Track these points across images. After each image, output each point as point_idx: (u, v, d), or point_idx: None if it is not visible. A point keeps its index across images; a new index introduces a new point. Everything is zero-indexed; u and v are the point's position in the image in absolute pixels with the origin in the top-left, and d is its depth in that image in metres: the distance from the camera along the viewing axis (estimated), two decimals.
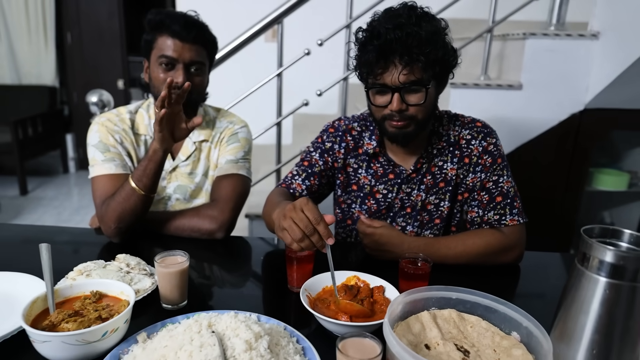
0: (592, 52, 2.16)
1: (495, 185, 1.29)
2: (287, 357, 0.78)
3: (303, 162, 1.41)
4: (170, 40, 1.33)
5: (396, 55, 1.14)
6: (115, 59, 5.11)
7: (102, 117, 1.46)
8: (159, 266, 0.96)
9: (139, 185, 1.25)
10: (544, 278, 1.28)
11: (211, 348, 0.73)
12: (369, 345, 0.74)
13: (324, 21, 2.37)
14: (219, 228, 1.34)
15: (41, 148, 4.89)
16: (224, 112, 1.59)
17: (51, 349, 0.78)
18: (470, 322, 0.88)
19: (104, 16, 5.00)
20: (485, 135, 1.32)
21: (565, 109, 2.23)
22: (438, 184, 1.35)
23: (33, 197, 4.56)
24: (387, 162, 1.37)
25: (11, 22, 4.97)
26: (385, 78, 1.17)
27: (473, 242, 1.23)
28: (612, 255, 0.69)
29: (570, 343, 0.75)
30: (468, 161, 1.32)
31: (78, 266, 1.05)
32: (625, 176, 2.50)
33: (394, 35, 1.11)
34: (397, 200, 1.38)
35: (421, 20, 1.14)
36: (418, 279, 1.02)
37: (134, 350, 0.80)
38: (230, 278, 1.23)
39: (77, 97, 5.22)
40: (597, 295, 0.71)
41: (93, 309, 0.86)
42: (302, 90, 2.25)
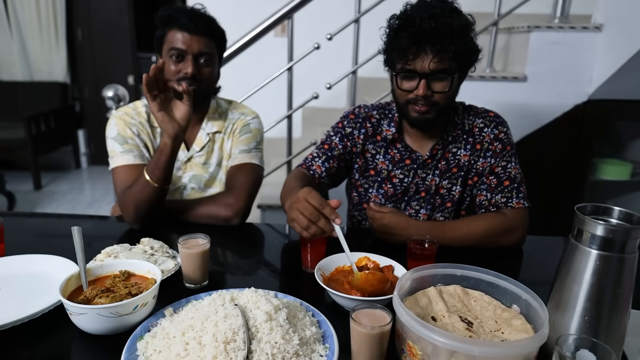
0: (595, 44, 2.19)
1: (503, 170, 1.36)
2: (304, 327, 0.84)
3: (323, 145, 1.48)
4: (179, 33, 1.39)
5: (428, 43, 1.20)
6: (125, 55, 5.18)
7: (119, 111, 1.53)
8: (182, 247, 1.03)
9: (152, 178, 1.30)
10: (546, 259, 1.33)
11: (235, 318, 0.80)
12: (379, 315, 0.80)
13: (333, 16, 2.41)
14: (234, 215, 1.40)
15: (54, 144, 4.97)
16: (235, 104, 1.65)
17: (87, 320, 0.84)
18: (474, 296, 0.94)
19: (114, 13, 5.06)
20: (497, 124, 1.40)
21: (569, 100, 2.27)
22: (451, 169, 1.42)
23: (47, 192, 4.65)
24: (404, 148, 1.44)
25: (23, 20, 5.05)
26: (416, 64, 1.23)
27: (477, 224, 1.30)
28: (602, 229, 0.75)
29: (564, 312, 0.80)
30: (479, 147, 1.40)
31: (105, 249, 1.12)
32: (628, 166, 2.53)
33: (428, 24, 1.18)
34: (413, 185, 1.44)
35: (453, 13, 1.22)
36: (425, 259, 1.07)
37: (162, 323, 0.86)
38: (247, 261, 1.30)
39: (88, 93, 5.30)
40: (588, 266, 0.77)
41: (123, 286, 0.92)
42: (312, 84, 2.30)
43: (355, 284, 1.00)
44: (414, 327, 0.77)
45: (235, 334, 0.77)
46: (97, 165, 5.54)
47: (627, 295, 0.78)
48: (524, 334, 0.83)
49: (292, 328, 0.82)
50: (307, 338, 0.82)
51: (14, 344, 0.85)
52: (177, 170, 1.54)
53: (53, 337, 0.88)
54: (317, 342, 0.83)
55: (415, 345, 0.79)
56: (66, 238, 1.33)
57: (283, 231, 1.49)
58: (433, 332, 0.75)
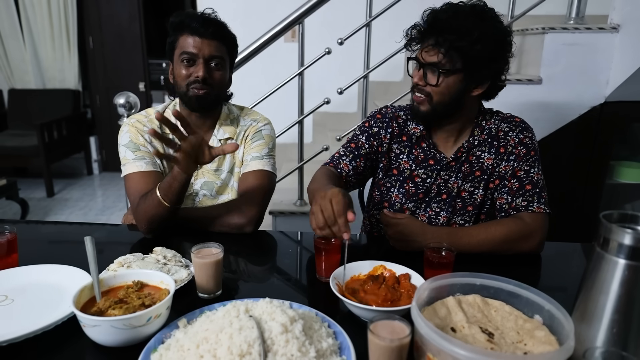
0: (612, 45, 2.16)
1: (526, 174, 1.35)
2: (320, 339, 0.83)
3: (350, 144, 1.49)
4: (191, 38, 1.39)
5: (432, 36, 1.25)
6: (136, 62, 5.22)
7: (131, 118, 1.53)
8: (196, 257, 1.02)
9: (165, 199, 1.29)
10: (565, 266, 1.31)
11: (250, 330, 0.78)
12: (398, 327, 0.78)
13: (343, 20, 2.40)
14: (247, 222, 1.39)
15: (66, 151, 5.01)
16: (247, 110, 1.64)
17: (100, 332, 0.84)
18: (494, 306, 0.91)
19: (124, 20, 5.11)
20: (522, 129, 1.40)
21: (586, 103, 2.23)
22: (474, 172, 1.41)
23: (59, 199, 4.69)
24: (429, 148, 1.44)
25: (35, 28, 5.11)
26: (422, 54, 1.30)
27: (495, 229, 1.28)
28: (631, 237, 0.73)
29: (591, 323, 0.78)
30: (503, 150, 1.39)
31: (118, 259, 1.11)
32: None
33: (439, 15, 1.25)
34: (435, 186, 1.44)
35: (469, 14, 1.24)
36: (442, 267, 1.06)
37: (176, 335, 0.85)
38: (260, 269, 1.29)
39: (99, 100, 5.35)
40: (616, 276, 0.74)
41: (136, 297, 0.92)
42: (323, 89, 2.29)
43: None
44: (434, 339, 0.75)
45: (250, 347, 0.75)
46: (108, 172, 5.59)
47: None
48: (547, 345, 0.81)
49: (308, 340, 0.80)
50: (324, 350, 0.80)
51: (27, 356, 0.84)
52: None
53: (66, 349, 0.87)
54: (334, 354, 0.82)
55: (436, 357, 0.77)
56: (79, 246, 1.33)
57: (296, 238, 1.48)
58: (454, 344, 0.73)
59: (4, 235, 1.10)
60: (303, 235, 1.47)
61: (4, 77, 5.25)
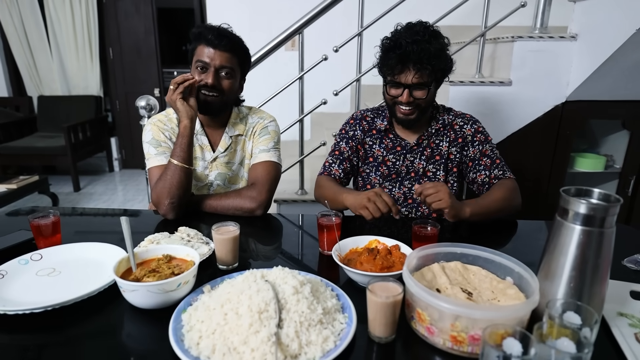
0: (571, 51, 2.20)
1: (491, 152, 1.52)
2: (325, 300, 0.87)
3: (335, 152, 1.64)
4: (206, 48, 1.42)
5: (410, 63, 1.38)
6: (151, 70, 5.22)
7: (153, 118, 1.56)
8: (216, 234, 1.05)
9: (178, 160, 1.36)
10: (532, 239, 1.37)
11: (266, 292, 0.82)
12: (392, 287, 0.82)
13: (338, 30, 2.43)
14: (258, 206, 1.43)
15: (90, 150, 5.00)
16: (254, 109, 1.67)
17: (138, 296, 0.87)
18: (473, 271, 0.96)
19: (141, 34, 5.11)
20: (474, 121, 1.57)
21: (549, 102, 2.28)
22: (435, 157, 1.57)
23: (85, 193, 4.69)
24: (395, 137, 1.60)
25: (61, 41, 5.11)
26: (401, 78, 1.42)
27: (497, 193, 1.43)
28: (585, 207, 0.78)
29: (553, 280, 0.82)
30: (462, 140, 1.56)
31: (148, 237, 1.15)
32: (601, 159, 2.53)
33: (411, 48, 1.35)
34: (404, 167, 1.58)
35: (432, 38, 1.38)
36: (428, 240, 1.10)
37: (201, 298, 0.89)
38: (269, 247, 1.32)
39: (119, 104, 5.34)
40: (573, 240, 0.79)
41: (167, 267, 0.95)
42: (320, 91, 2.31)
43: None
44: (423, 296, 0.80)
45: (267, 305, 0.79)
46: (127, 168, 5.59)
47: (606, 265, 0.80)
48: (517, 301, 0.85)
49: (315, 300, 0.84)
50: (329, 308, 0.84)
51: (76, 318, 0.88)
52: (205, 169, 1.56)
53: (108, 311, 0.91)
54: (338, 312, 0.86)
55: (424, 312, 0.81)
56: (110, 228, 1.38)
57: (298, 222, 1.51)
58: (440, 299, 0.78)
59: (49, 218, 1.13)
60: (304, 217, 1.50)
61: (33, 85, 5.23)
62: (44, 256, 1.08)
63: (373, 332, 0.81)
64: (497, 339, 0.69)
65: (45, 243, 1.12)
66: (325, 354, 0.75)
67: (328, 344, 0.77)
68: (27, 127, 5.02)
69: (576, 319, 0.75)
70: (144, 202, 4.39)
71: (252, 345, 0.74)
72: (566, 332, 0.71)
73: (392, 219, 1.33)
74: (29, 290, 0.95)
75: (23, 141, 4.67)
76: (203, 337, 0.77)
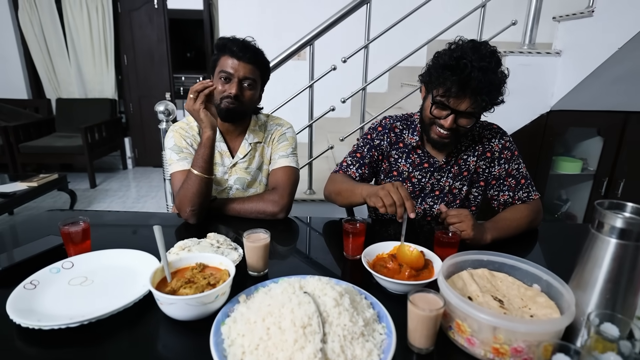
0: (556, 66, 2.14)
1: (517, 171, 1.33)
2: (363, 310, 0.78)
3: (356, 154, 1.41)
4: (230, 59, 1.31)
5: (469, 90, 1.10)
6: (163, 76, 5.04)
7: (175, 125, 1.45)
8: (247, 241, 0.96)
9: (199, 170, 1.25)
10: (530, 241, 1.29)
11: (307, 305, 0.73)
12: (432, 299, 0.74)
13: (346, 42, 2.33)
14: (280, 210, 1.33)
15: (105, 149, 4.83)
16: (272, 117, 1.57)
17: (176, 309, 0.78)
18: (500, 278, 0.88)
19: (153, 42, 4.92)
20: (502, 135, 1.35)
21: (536, 111, 2.22)
22: (462, 173, 1.36)
23: (101, 190, 4.53)
24: (424, 154, 1.36)
25: (79, 48, 4.91)
26: (452, 103, 1.14)
27: (521, 214, 1.26)
28: (621, 221, 0.70)
29: (586, 290, 0.75)
30: (490, 155, 1.34)
31: (178, 243, 1.04)
32: (579, 162, 2.50)
33: (476, 75, 1.07)
34: (429, 185, 1.38)
35: (496, 66, 1.12)
36: (450, 246, 1.02)
37: (238, 309, 0.79)
38: (294, 250, 1.21)
39: (132, 107, 5.16)
40: (608, 253, 0.72)
41: (202, 277, 0.85)
42: (326, 98, 2.22)
43: (403, 258, 0.96)
44: (463, 307, 0.72)
45: (310, 319, 0.70)
46: (140, 166, 5.42)
47: (639, 277, 0.73)
48: (548, 309, 0.78)
49: (355, 311, 0.75)
50: (368, 319, 0.76)
51: (111, 329, 0.78)
52: (224, 174, 1.46)
53: (144, 323, 0.81)
54: (375, 322, 0.77)
55: (464, 322, 0.73)
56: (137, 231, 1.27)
57: (321, 224, 1.38)
58: (480, 311, 0.70)
59: (79, 225, 1.02)
60: (321, 221, 1.39)
61: (52, 88, 5.02)
62: (75, 264, 0.96)
63: (413, 342, 0.73)
64: (548, 354, 0.61)
65: (75, 250, 1.01)
66: None
67: (373, 358, 0.68)
68: (45, 127, 4.82)
69: (614, 329, 0.68)
70: (156, 199, 4.25)
71: None
72: (612, 346, 0.64)
73: (412, 223, 1.20)
74: (62, 301, 0.84)
75: (42, 141, 4.49)
76: (246, 353, 0.68)
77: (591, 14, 1.94)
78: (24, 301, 0.82)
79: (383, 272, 0.93)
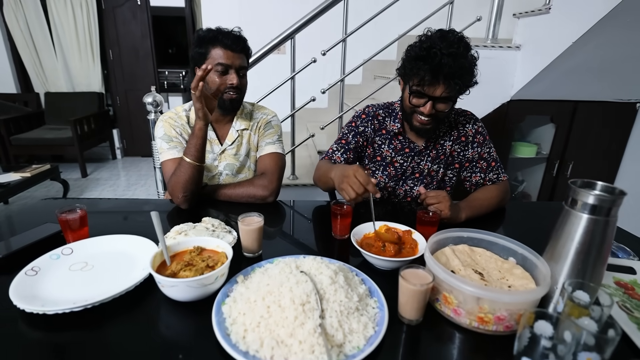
0: (515, 59, 2.15)
1: (488, 155, 1.33)
2: (356, 286, 0.76)
3: (341, 141, 1.37)
4: (224, 51, 1.24)
5: (442, 76, 1.08)
6: (148, 70, 4.80)
7: (164, 115, 1.37)
8: (242, 224, 0.91)
9: (191, 159, 1.19)
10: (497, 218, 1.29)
11: (305, 284, 0.70)
12: (422, 275, 0.73)
13: (325, 36, 2.25)
14: (270, 194, 1.29)
15: (94, 141, 4.59)
16: (257, 105, 1.51)
17: (177, 291, 0.74)
18: (479, 252, 0.88)
19: (138, 37, 4.66)
20: (474, 120, 1.35)
21: (498, 100, 2.23)
22: (439, 157, 1.35)
23: (92, 179, 4.33)
24: (405, 140, 1.34)
25: (65, 43, 4.60)
26: (428, 90, 1.12)
27: (491, 194, 1.27)
28: (593, 198, 0.70)
29: (559, 262, 0.75)
30: (464, 139, 1.33)
31: (174, 227, 0.98)
32: (534, 147, 2.54)
33: (447, 62, 1.05)
34: (410, 168, 1.37)
35: (466, 51, 1.10)
36: (431, 224, 1.01)
37: (237, 289, 0.76)
38: (284, 232, 1.18)
39: (119, 100, 4.90)
40: (580, 227, 0.72)
41: (200, 260, 0.81)
42: (307, 89, 2.16)
43: (381, 235, 0.95)
44: (450, 280, 0.71)
45: (308, 297, 0.68)
46: (129, 156, 5.19)
47: (608, 249, 0.73)
48: (524, 280, 0.78)
49: (349, 288, 0.73)
50: (361, 294, 0.74)
51: (113, 312, 0.73)
52: (214, 160, 1.40)
53: (144, 304, 0.76)
54: (368, 297, 0.75)
55: (450, 295, 0.72)
56: (131, 217, 1.20)
57: (304, 207, 1.35)
58: (465, 283, 0.69)
59: (76, 212, 0.94)
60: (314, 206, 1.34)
61: (40, 83, 4.70)
62: (74, 250, 0.90)
63: (404, 315, 0.71)
64: (531, 322, 0.61)
65: (73, 237, 0.94)
66: (367, 340, 0.64)
67: (368, 330, 0.66)
68: (35, 120, 4.53)
69: (585, 296, 0.68)
70: (145, 187, 4.09)
71: (300, 338, 0.62)
72: (586, 312, 0.64)
73: (394, 204, 1.19)
74: (64, 286, 0.78)
75: (32, 133, 4.22)
76: (248, 331, 0.65)
77: (548, 10, 1.94)
78: (26, 287, 0.76)
79: (371, 251, 0.91)
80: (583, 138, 2.41)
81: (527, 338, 0.60)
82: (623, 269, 0.92)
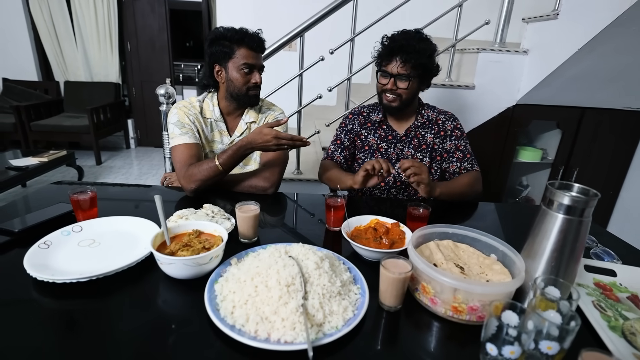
0: (523, 63, 2.16)
1: (464, 147, 1.48)
2: (340, 273, 0.80)
3: (336, 141, 1.56)
4: (250, 52, 1.33)
5: (397, 54, 1.33)
6: (164, 62, 4.91)
7: (179, 103, 1.43)
8: (239, 212, 0.97)
9: (223, 167, 1.26)
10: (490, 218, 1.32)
11: (291, 267, 0.75)
12: (402, 264, 0.77)
13: (334, 35, 2.29)
14: (271, 185, 1.34)
15: (110, 130, 4.71)
16: (266, 102, 1.57)
17: (174, 269, 0.79)
18: (462, 248, 0.91)
19: (155, 30, 4.78)
20: (454, 119, 1.51)
21: (503, 104, 2.24)
22: (421, 146, 1.49)
23: (106, 166, 4.46)
24: (387, 128, 1.52)
25: (85, 34, 4.74)
26: (388, 67, 1.37)
27: (464, 179, 1.41)
28: (569, 199, 0.73)
29: (535, 259, 0.78)
30: (443, 134, 1.50)
31: (176, 212, 1.05)
32: (539, 152, 2.54)
33: (400, 42, 1.32)
34: (394, 154, 1.51)
35: (420, 39, 1.35)
36: (421, 220, 1.05)
37: (230, 270, 0.81)
38: (282, 221, 1.23)
39: (135, 91, 5.03)
40: (555, 226, 0.75)
41: (198, 242, 0.87)
42: (314, 86, 2.20)
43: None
44: (428, 271, 0.75)
45: (293, 279, 0.72)
46: (142, 146, 5.32)
47: (581, 248, 0.77)
48: (503, 275, 0.81)
49: (334, 274, 0.78)
50: (345, 281, 0.78)
51: (117, 285, 0.79)
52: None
53: (144, 280, 0.82)
54: (351, 284, 0.80)
55: (428, 285, 0.76)
56: (139, 202, 1.27)
57: (306, 200, 1.40)
58: (442, 274, 0.73)
59: (87, 193, 1.01)
60: (305, 197, 1.42)
61: (60, 72, 4.85)
62: (84, 228, 0.97)
63: (384, 302, 0.76)
64: (498, 312, 0.65)
65: (83, 216, 1.01)
66: (346, 322, 0.69)
67: (348, 313, 0.71)
68: (54, 108, 4.68)
69: (556, 292, 0.71)
70: (157, 176, 4.20)
71: (282, 315, 0.67)
72: (553, 305, 0.67)
73: (387, 202, 1.26)
74: (73, 260, 0.85)
75: (51, 120, 4.37)
76: (236, 307, 0.70)
77: (556, 16, 1.95)
78: (39, 258, 0.83)
79: (361, 242, 0.95)
80: (589, 145, 2.41)
81: (495, 326, 0.64)
82: (605, 271, 0.95)
